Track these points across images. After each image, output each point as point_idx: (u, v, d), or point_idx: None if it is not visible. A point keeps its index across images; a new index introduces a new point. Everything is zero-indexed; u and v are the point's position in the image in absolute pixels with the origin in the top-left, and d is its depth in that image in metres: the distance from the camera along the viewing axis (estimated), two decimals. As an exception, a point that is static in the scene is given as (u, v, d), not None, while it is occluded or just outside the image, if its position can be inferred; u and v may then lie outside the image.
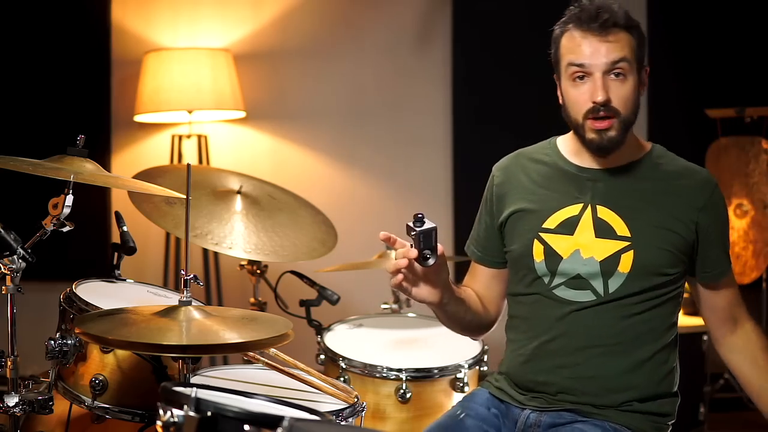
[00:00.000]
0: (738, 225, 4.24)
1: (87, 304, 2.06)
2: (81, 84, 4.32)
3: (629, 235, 1.97)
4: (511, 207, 2.09)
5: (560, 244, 2.01)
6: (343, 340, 2.80)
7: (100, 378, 2.01)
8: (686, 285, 2.10)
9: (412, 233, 1.82)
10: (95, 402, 2.02)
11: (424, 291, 1.92)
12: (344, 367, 2.61)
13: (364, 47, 4.47)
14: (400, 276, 1.86)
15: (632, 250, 1.97)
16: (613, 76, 1.94)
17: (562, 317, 2.00)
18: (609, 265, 1.97)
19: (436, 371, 2.61)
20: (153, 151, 4.38)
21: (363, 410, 2.07)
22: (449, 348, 2.76)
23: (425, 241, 1.82)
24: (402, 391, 2.54)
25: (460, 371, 2.60)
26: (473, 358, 2.66)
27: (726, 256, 2.07)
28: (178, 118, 4.21)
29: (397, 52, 4.47)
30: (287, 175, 4.28)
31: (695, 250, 2.02)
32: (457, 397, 2.58)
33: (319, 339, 2.78)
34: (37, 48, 4.28)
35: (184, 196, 1.89)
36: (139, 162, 4.23)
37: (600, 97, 1.93)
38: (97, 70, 4.34)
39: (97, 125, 4.30)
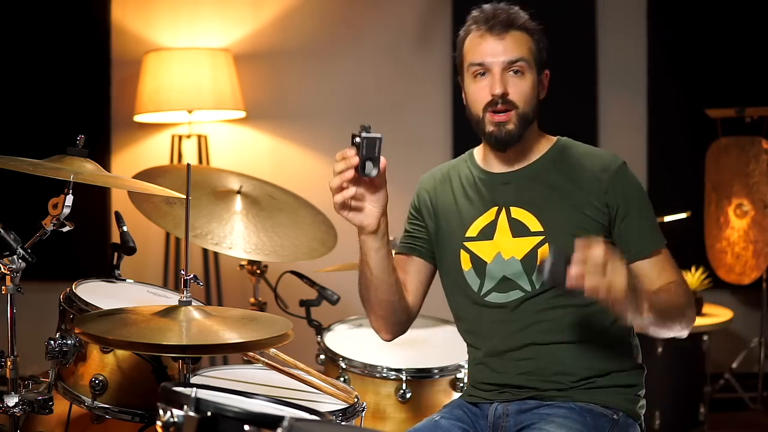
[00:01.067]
0: (738, 225, 4.24)
1: (87, 304, 2.06)
2: (81, 84, 4.32)
3: (542, 229, 2.03)
4: (440, 222, 2.16)
5: (483, 250, 2.08)
6: (343, 340, 2.79)
7: (100, 378, 2.01)
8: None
9: (356, 140, 1.77)
10: (95, 402, 2.02)
11: (362, 214, 1.91)
12: (344, 367, 2.61)
13: (364, 47, 4.48)
14: (343, 194, 1.85)
15: (547, 243, 2.01)
16: (511, 72, 2.01)
17: (499, 320, 2.06)
18: (529, 261, 2.03)
19: (436, 371, 2.61)
20: (153, 151, 4.38)
21: (363, 410, 2.07)
22: (449, 348, 2.76)
23: (368, 148, 1.77)
24: (402, 391, 2.54)
25: (460, 371, 2.60)
26: (473, 358, 2.66)
27: (646, 233, 2.04)
28: (178, 118, 4.21)
29: (397, 52, 4.47)
30: (287, 175, 4.28)
31: (611, 232, 2.03)
32: (457, 397, 2.57)
33: (319, 339, 2.78)
34: (37, 48, 4.29)
35: (184, 196, 1.89)
36: (139, 162, 4.23)
37: (498, 90, 2.00)
38: (97, 70, 4.34)
39: (97, 125, 4.30)
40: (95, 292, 2.17)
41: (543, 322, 2.03)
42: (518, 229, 2.05)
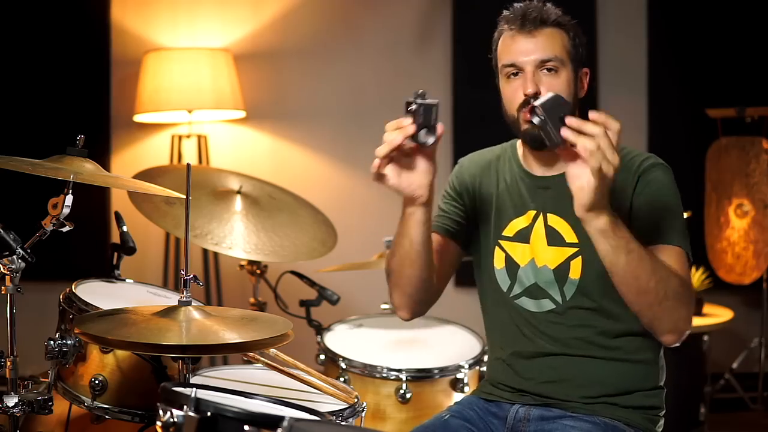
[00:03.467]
0: (738, 225, 4.24)
1: (87, 304, 2.06)
2: (81, 84, 4.32)
3: (577, 242, 1.98)
4: (480, 211, 2.12)
5: (518, 252, 2.05)
6: (343, 340, 2.79)
7: (100, 378, 2.01)
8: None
9: (411, 107, 1.68)
10: (95, 402, 2.02)
11: (414, 184, 1.85)
12: (344, 367, 2.61)
13: (364, 47, 4.47)
14: (384, 160, 1.79)
15: (580, 257, 1.97)
16: (545, 71, 1.95)
17: (527, 327, 2.03)
18: (561, 272, 1.99)
19: (436, 371, 2.61)
20: (153, 151, 4.38)
21: (363, 410, 2.06)
22: (449, 348, 2.76)
23: (425, 115, 1.69)
24: (402, 391, 2.53)
25: (460, 371, 2.60)
26: (473, 358, 2.66)
27: (664, 224, 1.92)
28: (178, 118, 4.21)
29: (397, 52, 4.47)
30: (287, 175, 4.28)
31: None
32: (457, 397, 2.58)
33: (319, 339, 2.78)
34: (37, 48, 4.28)
35: (184, 196, 1.89)
36: (139, 162, 4.23)
37: (530, 89, 1.93)
38: (97, 70, 4.34)
39: (96, 125, 4.30)
40: (95, 292, 2.17)
41: (573, 336, 1.99)
42: (553, 238, 2.01)
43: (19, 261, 1.91)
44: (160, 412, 1.40)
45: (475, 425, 2.03)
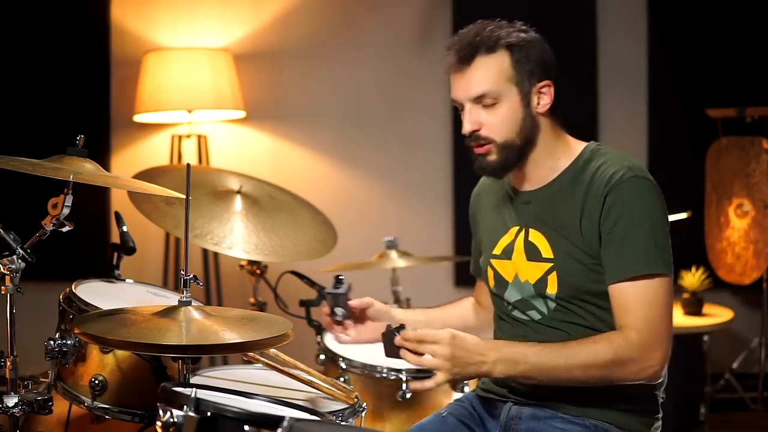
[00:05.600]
0: (738, 225, 4.24)
1: (86, 304, 2.06)
2: (81, 84, 4.32)
3: (552, 257, 1.98)
4: (479, 234, 2.22)
5: (505, 269, 2.08)
6: (343, 340, 2.79)
7: (100, 378, 2.01)
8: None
9: (326, 295, 2.25)
10: (95, 402, 2.02)
11: (352, 338, 2.23)
12: (344, 367, 2.60)
13: (364, 47, 4.47)
14: (335, 328, 2.22)
15: (555, 271, 1.97)
16: (481, 106, 1.97)
17: (521, 335, 2.05)
18: (540, 287, 2.00)
19: (436, 371, 2.60)
20: (153, 151, 4.38)
21: (363, 410, 2.06)
22: (449, 348, 2.75)
23: (335, 300, 2.20)
24: (402, 391, 2.53)
25: (461, 371, 2.60)
26: (473, 358, 2.65)
27: (627, 254, 1.87)
28: (178, 118, 4.21)
29: (397, 52, 4.47)
30: (287, 175, 4.28)
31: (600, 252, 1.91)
32: (456, 397, 2.57)
33: (319, 339, 2.78)
34: (37, 48, 4.28)
35: (184, 196, 1.88)
36: (139, 162, 4.23)
37: (467, 128, 1.98)
38: (97, 69, 4.34)
39: (96, 125, 4.30)
40: (95, 292, 2.17)
41: (565, 339, 1.98)
42: (532, 253, 2.01)
43: (19, 261, 1.91)
44: (160, 412, 1.40)
45: (472, 422, 2.05)
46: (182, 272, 1.85)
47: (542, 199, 2.02)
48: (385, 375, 2.56)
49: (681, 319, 3.86)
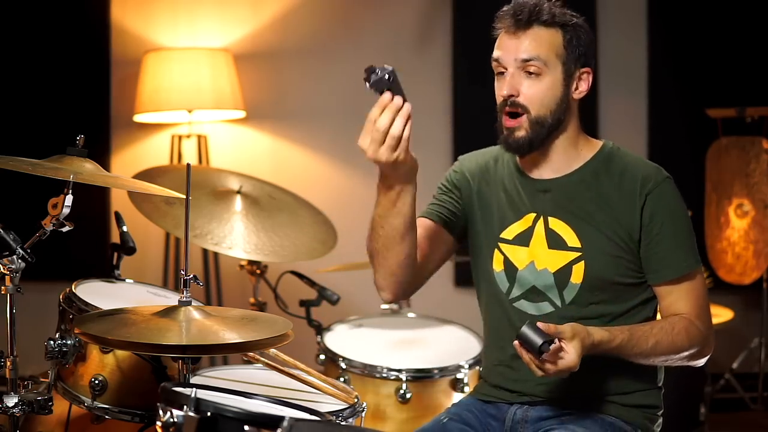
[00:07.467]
0: (738, 225, 4.24)
1: (86, 304, 2.06)
2: (81, 84, 4.32)
3: (580, 246, 1.98)
4: (478, 212, 2.11)
5: (517, 255, 2.04)
6: (343, 340, 2.79)
7: (100, 378, 2.01)
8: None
9: (381, 79, 1.98)
10: (95, 402, 2.02)
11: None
12: (344, 367, 2.61)
13: (364, 47, 4.47)
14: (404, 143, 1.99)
15: (583, 261, 1.97)
16: (526, 73, 1.95)
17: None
18: (562, 276, 1.99)
19: (436, 371, 2.61)
20: (153, 151, 4.37)
21: (363, 410, 2.06)
22: (449, 348, 2.76)
23: (394, 83, 1.97)
24: (402, 391, 2.54)
25: (460, 371, 2.60)
26: (473, 358, 2.66)
27: (674, 256, 1.98)
28: (178, 118, 4.21)
29: (397, 52, 4.46)
30: (287, 175, 4.28)
31: (639, 252, 1.97)
32: (457, 397, 2.57)
33: (319, 339, 2.78)
34: (36, 48, 4.28)
35: (184, 196, 1.89)
36: (139, 162, 4.23)
37: (505, 90, 1.95)
38: (97, 69, 4.34)
39: (96, 125, 4.29)
40: (95, 292, 2.17)
41: None
42: (555, 241, 2.00)
43: (19, 261, 1.91)
44: (160, 412, 1.40)
45: (474, 427, 2.02)
46: (182, 272, 1.85)
47: (564, 189, 2.01)
48: (385, 375, 2.56)
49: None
